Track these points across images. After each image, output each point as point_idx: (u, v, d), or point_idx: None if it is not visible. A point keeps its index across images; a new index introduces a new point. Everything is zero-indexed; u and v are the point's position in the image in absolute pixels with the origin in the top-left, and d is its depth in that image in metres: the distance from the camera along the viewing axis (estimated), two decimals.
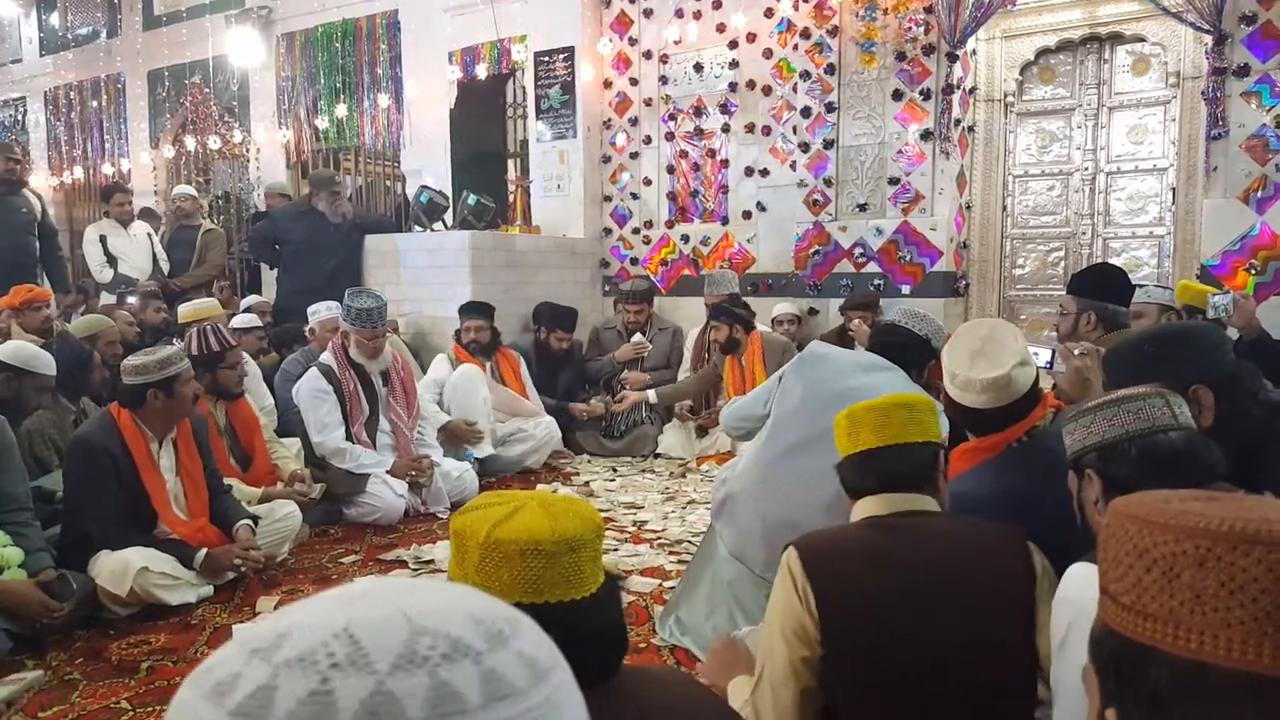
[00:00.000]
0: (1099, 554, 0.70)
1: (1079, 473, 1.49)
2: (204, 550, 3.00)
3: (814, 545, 1.54)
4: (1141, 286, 3.72)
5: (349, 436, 4.06)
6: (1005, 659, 1.46)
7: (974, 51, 6.01)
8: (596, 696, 1.06)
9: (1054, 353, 3.67)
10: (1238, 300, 3.89)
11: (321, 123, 7.93)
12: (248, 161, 8.60)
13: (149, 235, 6.56)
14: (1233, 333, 3.55)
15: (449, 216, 6.42)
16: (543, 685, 0.44)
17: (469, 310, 5.19)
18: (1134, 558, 0.64)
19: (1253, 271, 5.01)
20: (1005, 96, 6.11)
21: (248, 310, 5.74)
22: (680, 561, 3.35)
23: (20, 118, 10.37)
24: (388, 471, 4.05)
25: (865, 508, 1.61)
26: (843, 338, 5.27)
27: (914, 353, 2.47)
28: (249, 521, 3.23)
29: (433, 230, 6.26)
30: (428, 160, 7.40)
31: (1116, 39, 5.77)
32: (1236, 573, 0.60)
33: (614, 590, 1.10)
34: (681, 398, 5.46)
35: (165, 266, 6.49)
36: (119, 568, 2.80)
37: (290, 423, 4.43)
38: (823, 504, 2.27)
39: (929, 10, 5.66)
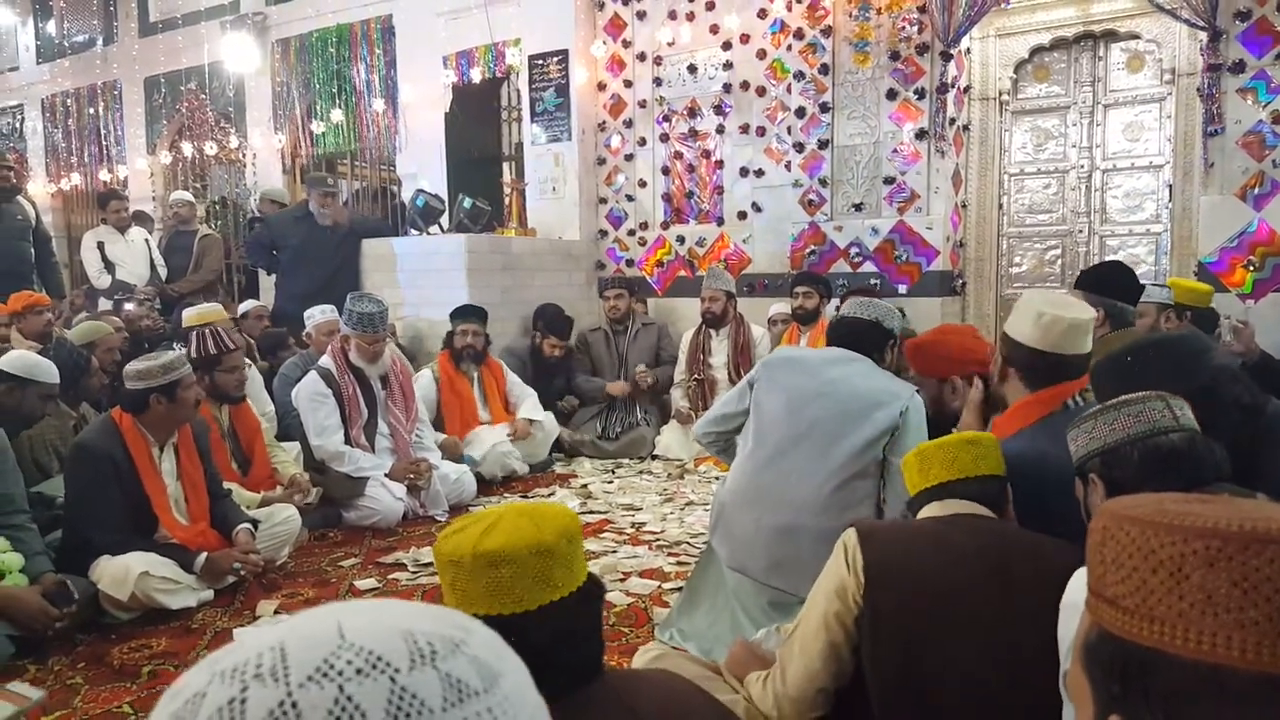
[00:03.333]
0: (1088, 555, 0.69)
1: (1083, 478, 1.49)
2: (204, 554, 3.01)
3: (872, 524, 1.64)
4: (1141, 285, 3.73)
5: (348, 440, 4.07)
6: (1036, 650, 1.45)
7: (968, 50, 6.02)
8: (580, 698, 1.08)
9: None
10: (1236, 326, 3.92)
11: (317, 127, 7.94)
12: (244, 167, 8.62)
13: (146, 241, 6.57)
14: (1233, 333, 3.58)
15: (445, 220, 6.42)
16: (470, 703, 0.44)
17: (462, 314, 5.15)
18: (1138, 560, 0.63)
19: (1251, 268, 5.01)
20: (1000, 95, 6.12)
21: (244, 316, 5.75)
22: (680, 564, 3.36)
23: (18, 125, 10.39)
24: (386, 474, 4.05)
25: (926, 511, 1.67)
26: None
27: (869, 338, 2.52)
28: (249, 525, 3.24)
29: (429, 234, 6.26)
30: (423, 164, 7.41)
31: (1111, 36, 5.78)
32: (1250, 572, 0.59)
33: (590, 592, 1.11)
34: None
35: (163, 272, 6.50)
36: (120, 572, 2.80)
37: (289, 426, 4.43)
38: (817, 501, 2.29)
39: (922, 9, 5.67)
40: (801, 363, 2.54)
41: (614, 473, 5.03)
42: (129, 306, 5.88)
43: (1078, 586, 1.32)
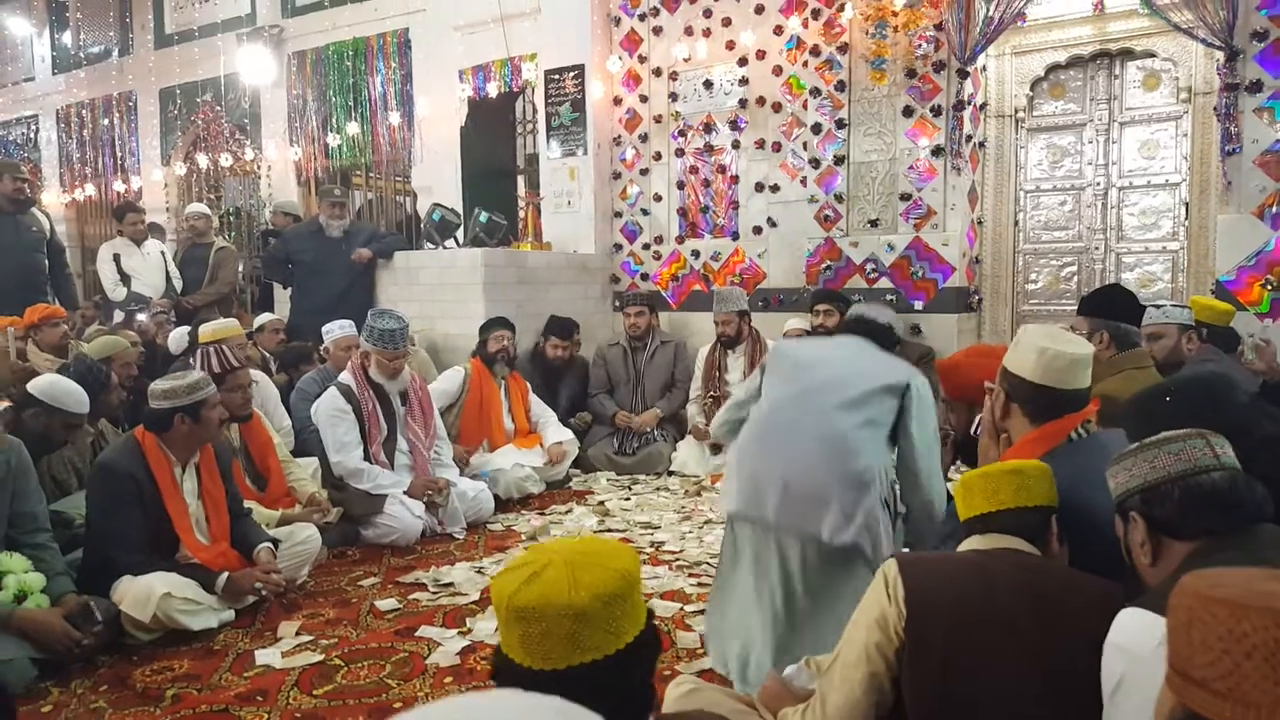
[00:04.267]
0: (1170, 634, 0.68)
1: (1123, 516, 1.48)
2: (225, 574, 3.01)
3: (912, 555, 1.65)
4: (1158, 306, 3.71)
5: (367, 456, 4.06)
6: (1075, 684, 1.45)
7: (984, 68, 6.03)
8: None
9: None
10: (1259, 345, 3.90)
11: (332, 140, 7.97)
12: (259, 178, 8.65)
13: (162, 253, 6.59)
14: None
15: (461, 234, 6.43)
16: None
17: (494, 324, 5.20)
18: (1228, 643, 0.62)
19: (1269, 287, 4.99)
20: (1016, 112, 6.12)
21: (260, 329, 5.76)
22: (701, 584, 3.35)
23: (33, 135, 10.46)
24: (405, 492, 4.05)
25: (968, 544, 1.67)
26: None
27: (881, 338, 2.71)
28: (269, 544, 3.23)
29: (445, 247, 6.28)
30: (438, 177, 7.43)
31: (1127, 55, 5.78)
32: None
33: (635, 653, 1.09)
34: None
35: (178, 284, 6.52)
36: (142, 594, 2.80)
37: (307, 442, 4.43)
38: (828, 440, 2.39)
39: (939, 27, 5.68)
40: (812, 341, 2.67)
41: (630, 489, 5.02)
42: (141, 317, 5.89)
43: (1124, 629, 1.31)
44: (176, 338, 5.21)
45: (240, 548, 3.19)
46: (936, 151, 5.81)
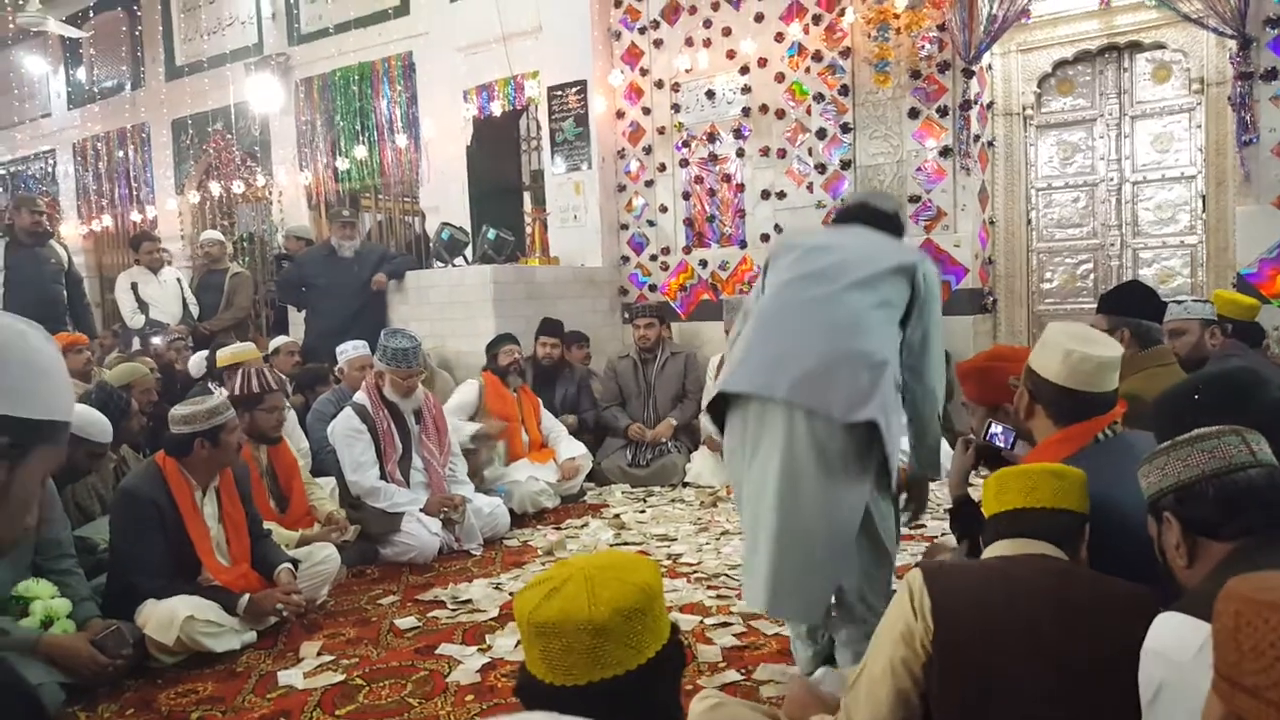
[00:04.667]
0: (1217, 640, 0.65)
1: (1157, 516, 1.44)
2: (247, 596, 3.01)
3: (937, 565, 1.60)
4: (1179, 301, 3.67)
5: (383, 475, 4.07)
6: (1113, 693, 1.41)
7: (990, 66, 6.01)
8: None
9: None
10: None
11: (341, 164, 8.04)
12: (270, 204, 8.74)
13: (179, 280, 6.66)
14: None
15: (469, 251, 6.46)
16: None
17: (502, 339, 5.21)
18: None
19: None
20: (1024, 109, 6.09)
21: (275, 352, 5.80)
22: (720, 597, 3.32)
23: (50, 170, 10.62)
24: (421, 509, 4.05)
25: (995, 550, 1.62)
26: None
27: (888, 224, 2.52)
28: (289, 565, 3.24)
29: (454, 266, 6.30)
30: (445, 196, 7.48)
31: (1135, 47, 5.74)
32: None
33: (658, 668, 1.08)
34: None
35: (194, 310, 6.58)
36: (165, 617, 2.81)
37: (324, 462, 4.45)
38: (840, 317, 2.24)
39: (942, 28, 5.66)
40: (811, 232, 2.56)
41: (645, 501, 5.00)
42: (155, 340, 5.94)
43: (1162, 634, 1.27)
44: (195, 363, 5.27)
45: (261, 569, 3.19)
46: (944, 152, 5.79)
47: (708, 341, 6.38)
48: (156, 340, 5.83)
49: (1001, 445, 2.26)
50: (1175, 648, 1.20)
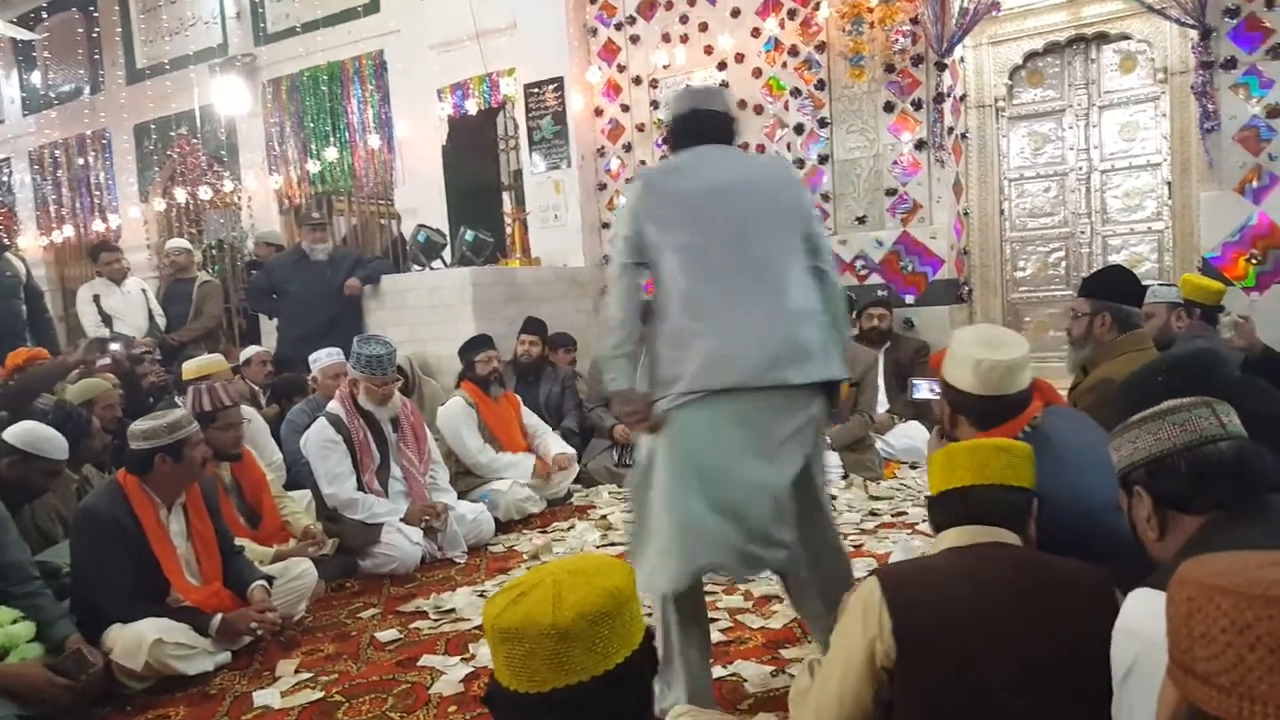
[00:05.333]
0: (1170, 626, 0.63)
1: (1127, 490, 1.44)
2: (219, 616, 2.93)
3: (895, 573, 1.54)
4: (1146, 286, 3.70)
5: (360, 486, 3.99)
6: (1079, 678, 1.41)
7: (962, 59, 6.02)
8: None
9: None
10: (1237, 322, 3.90)
11: (313, 166, 7.92)
12: (240, 210, 8.58)
13: (143, 291, 6.49)
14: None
15: (448, 254, 6.38)
16: None
17: (477, 344, 5.03)
18: (1232, 635, 0.58)
19: (1253, 261, 5.01)
20: (996, 101, 6.12)
21: (246, 363, 5.68)
22: (706, 593, 3.27)
23: (6, 179, 10.36)
24: (401, 519, 3.98)
25: (947, 539, 1.59)
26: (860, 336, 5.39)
27: (729, 127, 2.41)
28: (263, 582, 3.15)
29: (432, 269, 6.22)
30: (422, 198, 7.39)
31: (1102, 38, 5.79)
32: None
33: (627, 674, 1.05)
34: None
35: (161, 321, 6.42)
36: (132, 641, 2.72)
37: (299, 474, 4.36)
38: (790, 281, 2.20)
39: (915, 21, 5.66)
40: (677, 168, 2.33)
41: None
42: (115, 347, 5.77)
43: (1135, 612, 1.27)
44: None
45: (234, 587, 3.10)
46: (919, 145, 5.80)
47: None
48: (115, 347, 5.66)
49: (931, 397, 2.30)
50: (1147, 626, 1.19)
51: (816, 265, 2.28)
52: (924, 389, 2.31)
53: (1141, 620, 1.24)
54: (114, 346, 5.41)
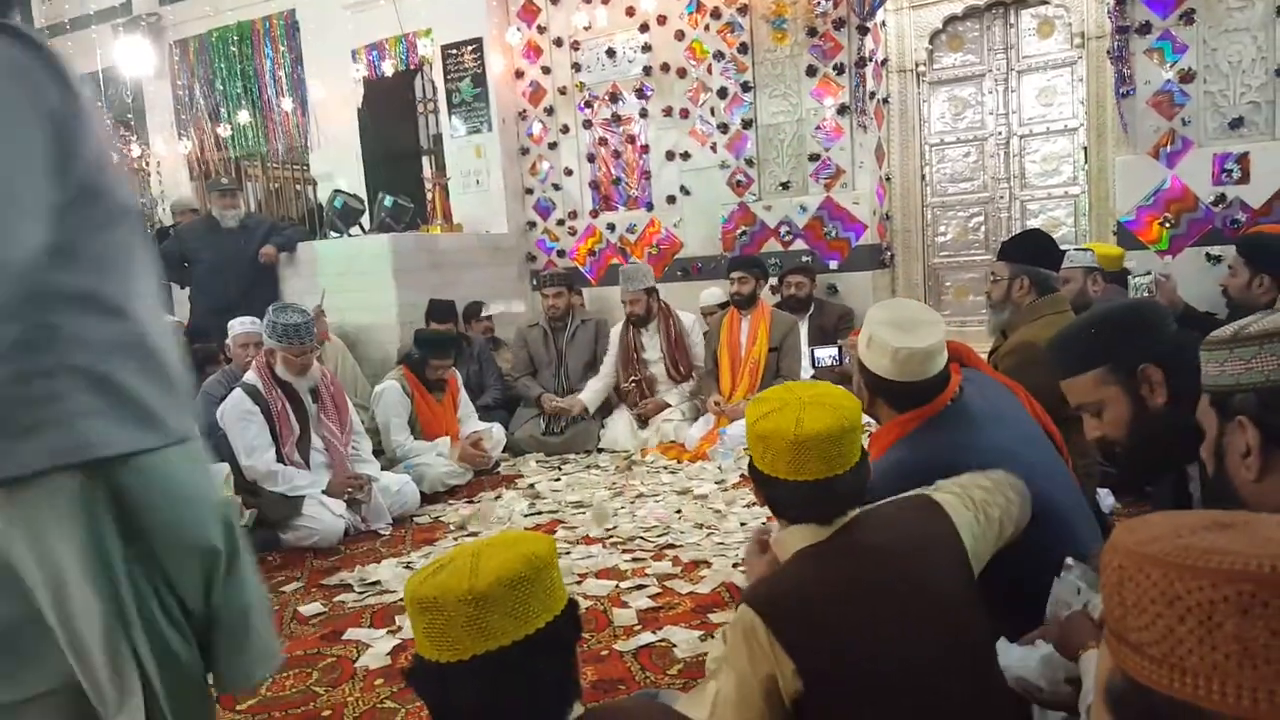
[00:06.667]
0: (1104, 593, 0.62)
1: (1224, 413, 1.19)
2: None
3: (772, 601, 1.41)
4: (1064, 250, 3.79)
5: (280, 458, 3.90)
6: (959, 609, 1.45)
7: (883, 23, 6.06)
8: None
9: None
10: (1159, 280, 4.00)
11: (224, 130, 7.62)
12: (148, 175, 8.23)
13: None
14: None
15: (366, 220, 6.22)
16: None
17: (440, 348, 4.79)
18: (1162, 606, 0.57)
19: (1166, 225, 5.15)
20: (917, 66, 6.18)
21: None
22: (635, 560, 3.30)
23: None
24: (323, 491, 3.90)
25: (802, 535, 1.47)
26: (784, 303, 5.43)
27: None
28: None
29: (349, 235, 6.06)
30: (339, 163, 7.18)
31: (1021, 3, 5.88)
32: None
33: (548, 639, 1.06)
34: (606, 393, 5.42)
35: None
36: None
37: (216, 447, 4.23)
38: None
39: None
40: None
41: (560, 469, 4.95)
42: None
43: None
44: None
45: None
46: (842, 110, 5.83)
47: (619, 305, 6.30)
48: None
49: (836, 363, 2.28)
50: None
51: None
52: (826, 359, 2.40)
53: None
54: None
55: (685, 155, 6.35)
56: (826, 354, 2.48)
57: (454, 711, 1.06)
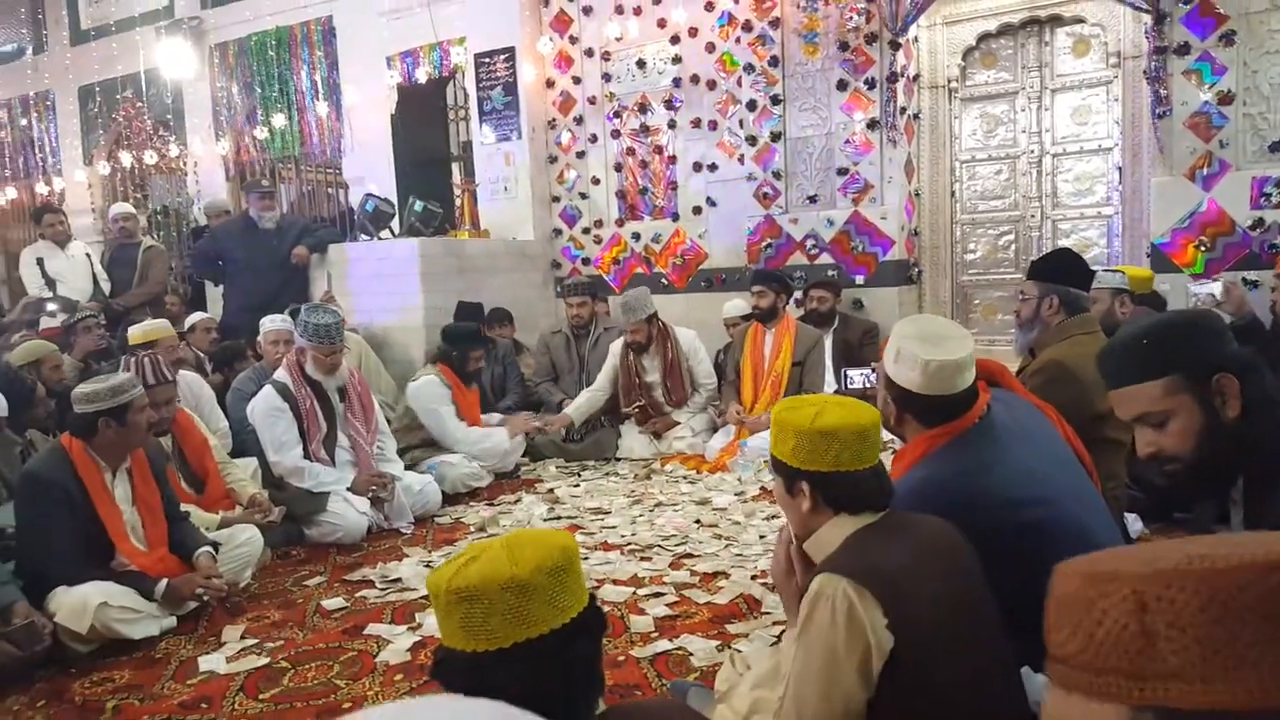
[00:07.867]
0: (1045, 618, 0.61)
1: None
2: (164, 581, 2.91)
3: (868, 571, 1.46)
4: (1094, 271, 3.77)
5: (307, 454, 3.97)
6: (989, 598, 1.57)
7: (916, 39, 6.06)
8: None
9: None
10: (1229, 286, 3.89)
11: (260, 133, 7.76)
12: (185, 175, 8.40)
13: (88, 255, 6.34)
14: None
15: (396, 224, 6.31)
16: None
17: (473, 340, 4.93)
18: (1080, 615, 0.58)
19: (1202, 248, 5.08)
20: (949, 82, 6.17)
21: (191, 329, 5.59)
22: (653, 569, 3.32)
23: None
24: (348, 489, 3.96)
25: (852, 524, 1.58)
26: (808, 315, 5.44)
27: None
28: (209, 549, 3.14)
29: (380, 239, 6.15)
30: (370, 167, 7.28)
31: (1056, 21, 5.85)
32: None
33: (581, 628, 1.08)
34: (593, 408, 5.34)
35: (106, 286, 6.29)
36: (78, 604, 2.70)
37: (245, 442, 4.32)
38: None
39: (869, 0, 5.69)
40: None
41: (579, 475, 4.98)
42: (51, 307, 5.62)
43: None
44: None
45: (179, 553, 3.09)
46: (872, 125, 5.84)
47: None
48: (52, 307, 5.46)
49: (865, 386, 2.27)
50: None
51: None
52: (858, 379, 2.36)
53: None
54: (50, 306, 5.28)
55: (712, 166, 6.39)
56: (858, 374, 2.47)
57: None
